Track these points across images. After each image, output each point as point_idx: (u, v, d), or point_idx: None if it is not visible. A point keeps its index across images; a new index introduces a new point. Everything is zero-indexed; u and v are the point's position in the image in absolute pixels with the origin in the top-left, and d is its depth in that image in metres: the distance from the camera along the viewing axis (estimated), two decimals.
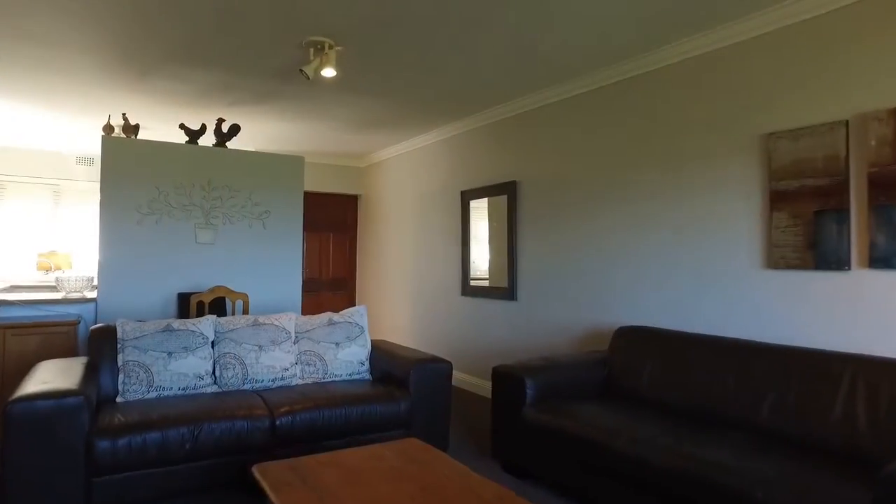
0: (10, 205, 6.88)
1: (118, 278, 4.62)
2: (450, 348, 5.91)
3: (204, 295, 4.23)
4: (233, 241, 5.05)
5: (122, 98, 4.93)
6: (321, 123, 5.87)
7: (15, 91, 4.80)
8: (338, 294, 7.86)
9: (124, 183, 4.66)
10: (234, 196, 5.06)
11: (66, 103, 5.15)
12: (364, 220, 7.97)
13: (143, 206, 4.71)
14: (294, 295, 5.32)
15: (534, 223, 4.86)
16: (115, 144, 4.66)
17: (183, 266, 4.86)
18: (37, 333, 4.17)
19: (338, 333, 3.76)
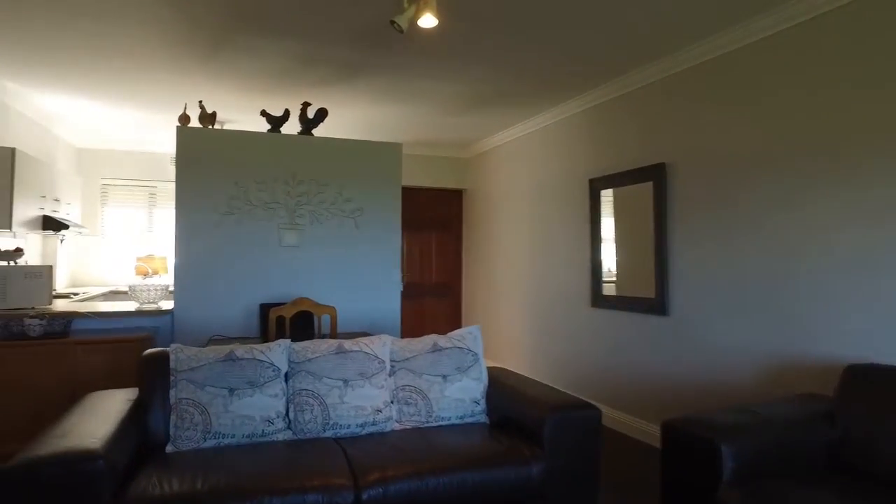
0: (113, 208, 6.68)
1: (196, 287, 4.04)
2: (577, 373, 4.88)
3: (285, 309, 3.52)
4: (320, 244, 4.34)
5: (196, 83, 4.37)
6: (419, 105, 5.06)
7: (95, 88, 4.39)
8: (442, 300, 7.05)
9: (201, 179, 4.08)
10: (321, 191, 4.35)
11: (141, 94, 4.68)
12: (470, 218, 7.11)
13: (221, 206, 4.10)
14: (391, 306, 4.54)
15: (691, 216, 3.74)
16: (190, 135, 4.09)
17: (266, 273, 4.21)
18: (107, 350, 3.65)
19: (445, 363, 2.88)
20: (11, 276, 3.86)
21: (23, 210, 4.53)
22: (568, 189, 5.04)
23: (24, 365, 3.54)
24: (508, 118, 5.51)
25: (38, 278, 4.02)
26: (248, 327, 4.15)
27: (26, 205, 4.59)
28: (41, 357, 3.57)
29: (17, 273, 3.89)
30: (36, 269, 4.02)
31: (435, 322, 6.94)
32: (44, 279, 4.06)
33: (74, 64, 4.08)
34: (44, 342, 3.57)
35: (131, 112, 5.26)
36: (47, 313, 3.66)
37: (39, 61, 4.09)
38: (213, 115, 4.27)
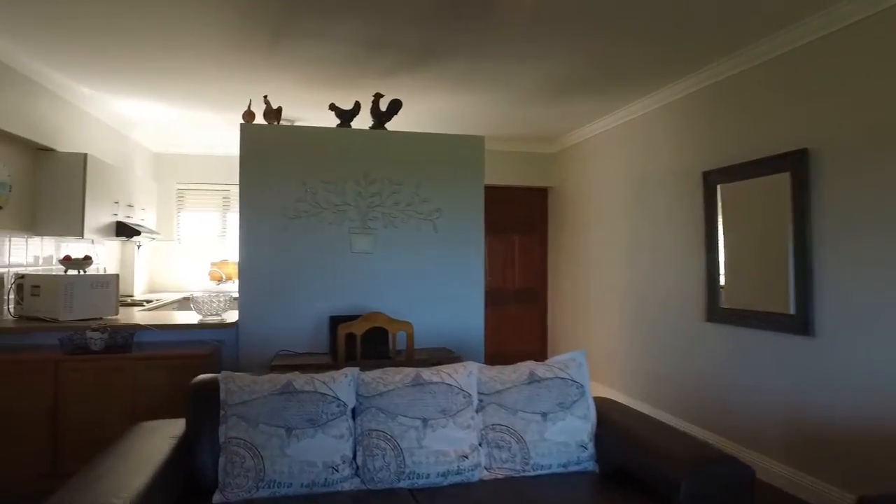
0: (188, 213, 6.59)
1: (261, 297, 3.72)
2: (688, 399, 4.20)
3: (355, 325, 3.11)
4: (395, 249, 3.92)
5: (260, 77, 4.06)
6: (501, 93, 4.55)
7: (165, 90, 4.18)
8: (526, 308, 6.50)
9: (266, 180, 3.75)
10: (396, 191, 3.92)
11: (209, 92, 4.44)
12: (556, 218, 6.51)
13: (288, 209, 3.76)
14: (474, 319, 4.05)
15: (846, 213, 3.01)
16: (254, 133, 3.77)
17: (336, 281, 3.83)
18: (168, 366, 3.38)
19: (545, 397, 2.35)
20: (78, 286, 3.67)
21: (95, 216, 4.39)
22: (675, 184, 4.37)
23: (86, 380, 3.32)
24: (603, 105, 4.89)
25: (105, 287, 3.83)
26: (317, 341, 3.79)
27: (99, 211, 4.46)
28: (102, 373, 3.34)
29: (83, 282, 3.70)
30: (103, 278, 3.82)
31: (518, 332, 6.40)
32: (110, 288, 3.86)
33: (144, 66, 3.87)
34: (105, 357, 3.34)
35: (201, 113, 5.07)
36: (109, 326, 3.43)
37: (111, 65, 3.91)
38: (279, 111, 3.94)
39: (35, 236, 4.17)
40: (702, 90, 4.08)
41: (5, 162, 3.78)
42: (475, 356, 3.99)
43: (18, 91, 3.80)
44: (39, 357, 3.30)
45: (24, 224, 4.04)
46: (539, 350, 6.52)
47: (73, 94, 4.41)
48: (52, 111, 4.19)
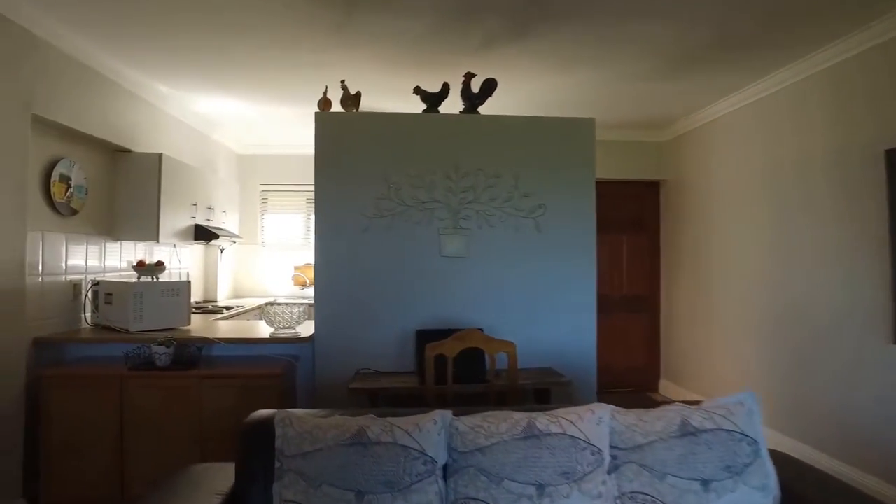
0: (272, 216, 6.37)
1: (339, 307, 3.28)
2: (869, 442, 3.33)
3: (446, 345, 2.58)
4: (491, 252, 3.36)
5: (334, 61, 3.63)
6: (611, 68, 3.87)
7: (243, 84, 3.87)
8: (635, 317, 5.73)
9: (344, 175, 3.31)
10: (492, 185, 3.36)
11: (287, 83, 4.08)
12: (670, 215, 5.70)
13: (369, 207, 3.30)
14: (584, 334, 3.42)
15: None
16: (330, 122, 3.34)
17: (424, 290, 3.33)
18: (236, 386, 3.01)
19: (704, 457, 1.70)
20: (148, 294, 3.39)
21: (171, 219, 4.15)
22: (841, 169, 3.51)
23: (151, 399, 3.01)
24: (735, 77, 4.09)
25: (176, 296, 3.53)
26: (402, 358, 3.30)
27: (175, 214, 4.22)
28: (167, 391, 3.01)
29: (153, 290, 3.42)
30: (174, 286, 3.53)
31: (625, 345, 5.64)
32: (182, 297, 3.56)
33: (216, 58, 3.56)
34: (170, 374, 3.01)
35: (279, 108, 4.76)
36: (175, 340, 3.11)
37: (188, 61, 3.68)
38: (358, 97, 3.49)
39: (113, 241, 3.97)
40: (879, 47, 3.21)
41: (81, 164, 3.58)
42: (586, 379, 3.36)
43: (95, 90, 3.59)
44: (106, 372, 3.03)
45: (102, 228, 3.84)
46: (649, 365, 5.73)
47: (150, 93, 4.19)
48: (130, 111, 3.98)
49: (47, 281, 3.31)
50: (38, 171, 3.23)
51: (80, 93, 3.44)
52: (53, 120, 3.21)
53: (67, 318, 3.50)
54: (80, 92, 3.43)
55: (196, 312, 4.60)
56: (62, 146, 3.43)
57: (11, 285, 2.91)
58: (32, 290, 3.17)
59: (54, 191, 3.33)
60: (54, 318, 3.38)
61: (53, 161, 3.34)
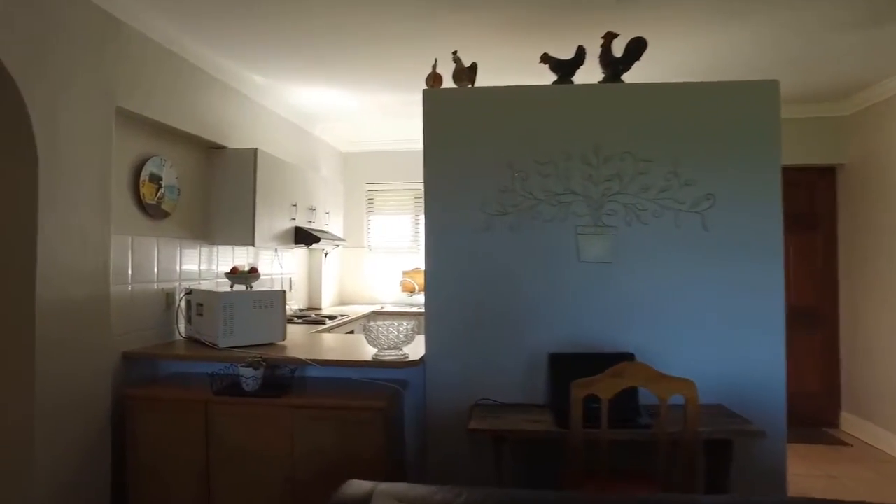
0: (378, 217, 5.96)
1: (455, 324, 2.70)
2: None
3: (600, 384, 1.90)
4: (644, 256, 2.64)
5: (445, 28, 3.05)
6: (801, 11, 2.99)
7: (344, 72, 3.41)
8: (804, 333, 4.68)
9: (460, 164, 2.73)
10: (643, 171, 2.64)
11: (390, 66, 3.57)
12: (850, 208, 4.62)
13: (489, 202, 2.69)
14: (769, 365, 2.62)
15: None
16: (440, 100, 2.78)
17: (558, 304, 2.67)
18: (333, 418, 2.50)
19: None
20: (238, 306, 3.00)
21: (269, 221, 3.79)
22: None
23: (237, 429, 2.59)
24: None
25: (269, 307, 3.12)
26: (530, 387, 2.66)
27: (273, 215, 3.85)
28: (255, 421, 2.57)
29: (244, 301, 3.02)
30: (267, 296, 3.12)
31: (795, 368, 4.61)
32: (276, 308, 3.14)
33: (320, 43, 3.12)
34: (259, 401, 2.57)
35: (383, 96, 4.28)
36: (265, 360, 2.66)
37: (284, 46, 3.27)
38: (473, 70, 2.90)
39: (207, 245, 3.66)
40: None
41: (173, 162, 3.27)
42: (772, 422, 2.54)
43: (184, 81, 3.27)
44: (190, 395, 2.64)
45: (196, 231, 3.53)
46: (826, 394, 4.66)
47: (245, 84, 3.85)
48: (223, 104, 3.65)
49: (137, 289, 3.01)
50: (126, 171, 2.93)
51: (169, 84, 3.12)
52: (140, 113, 2.89)
53: (160, 330, 3.20)
54: (168, 83, 3.11)
55: (297, 322, 4.23)
56: (151, 143, 3.12)
57: (96, 294, 2.60)
58: (122, 299, 2.87)
59: (144, 191, 3.02)
60: (147, 330, 3.08)
61: (142, 159, 3.03)
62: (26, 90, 2.24)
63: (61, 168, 2.40)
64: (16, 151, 2.31)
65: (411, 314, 5.25)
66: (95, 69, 2.59)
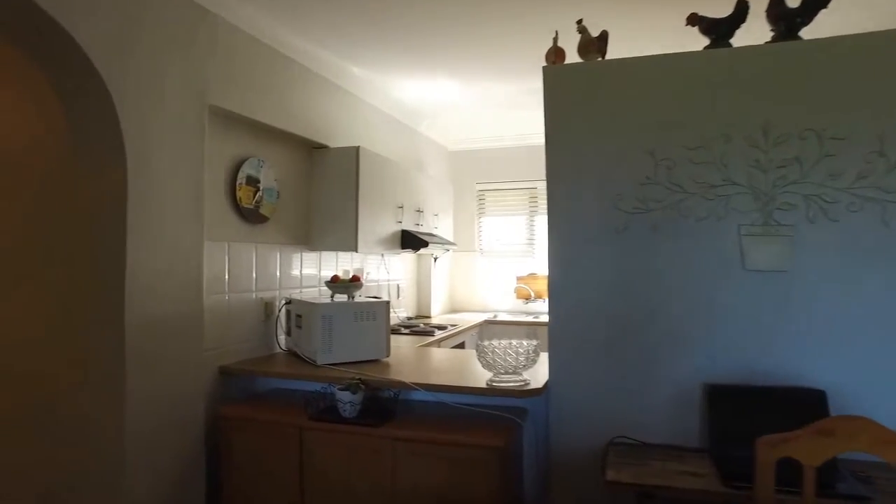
0: (490, 219, 5.58)
1: (585, 345, 2.24)
2: None
3: (799, 443, 1.37)
4: (833, 262, 2.03)
5: None
6: None
7: (449, 57, 3.06)
8: None
9: (588, 152, 2.26)
10: (831, 153, 2.03)
11: (502, 51, 3.15)
12: None
13: (625, 197, 2.20)
14: None
15: None
16: (564, 78, 2.33)
17: (716, 322, 2.12)
18: (441, 456, 2.13)
19: None
20: (338, 318, 2.73)
21: (372, 225, 3.52)
22: None
23: (332, 459, 2.29)
24: None
25: (372, 320, 2.82)
26: (679, 424, 2.13)
27: (377, 218, 3.58)
28: (352, 452, 2.27)
29: (344, 313, 2.75)
30: (369, 308, 2.82)
31: None
32: (379, 321, 2.84)
33: (426, 29, 2.80)
34: (357, 429, 2.26)
35: (494, 85, 3.88)
36: (364, 383, 2.35)
37: (387, 33, 2.96)
38: (604, 39, 2.41)
39: (310, 251, 3.45)
40: None
41: (272, 163, 3.08)
42: None
43: (279, 76, 3.07)
44: (284, 418, 2.39)
45: (296, 237, 3.33)
46: None
47: (344, 78, 3.61)
48: (323, 100, 3.44)
49: (234, 299, 2.83)
50: (221, 173, 2.75)
51: (264, 79, 2.93)
52: (235, 112, 2.71)
53: (259, 342, 3.01)
54: (263, 78, 2.92)
55: (405, 333, 3.95)
56: (248, 143, 2.94)
57: (188, 305, 2.42)
58: (218, 309, 2.70)
59: (240, 195, 2.84)
60: (245, 342, 2.90)
61: (239, 161, 2.85)
62: (114, 89, 2.08)
63: (151, 172, 2.23)
64: (104, 155, 2.16)
65: (527, 323, 4.82)
66: (186, 65, 2.42)
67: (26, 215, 2.48)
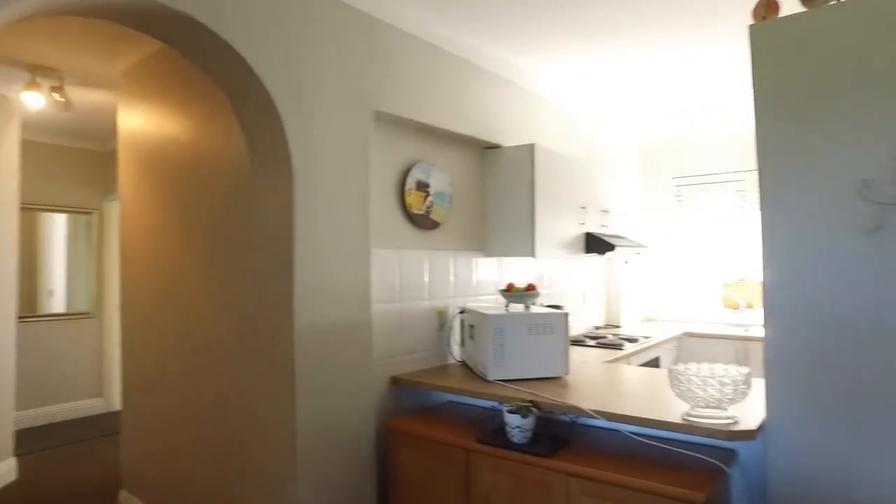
0: (688, 216, 4.96)
1: (815, 375, 1.72)
2: None
3: None
4: None
5: None
6: None
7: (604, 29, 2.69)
8: None
9: (815, 130, 1.74)
10: None
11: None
12: None
13: (878, 186, 1.64)
14: None
15: None
16: (778, 36, 1.82)
17: None
18: (624, 499, 1.79)
19: None
20: (510, 330, 2.51)
21: (551, 227, 3.25)
22: None
23: (500, 490, 2.07)
24: None
25: (549, 333, 2.55)
26: None
27: (556, 220, 3.30)
28: (521, 484, 2.02)
29: (518, 324, 2.52)
30: (545, 320, 2.55)
31: None
32: (557, 335, 2.56)
33: (600, 11, 2.49)
34: (527, 458, 2.01)
35: (686, 61, 3.35)
36: (536, 406, 2.10)
37: (558, 15, 2.67)
38: None
39: (485, 257, 3.29)
40: None
41: (442, 167, 2.98)
42: None
43: (449, 77, 2.94)
44: (452, 438, 2.23)
45: (470, 242, 3.19)
46: None
47: (516, 73, 3.37)
48: (493, 96, 3.25)
49: (406, 308, 2.77)
50: (389, 180, 2.71)
51: (430, 80, 2.82)
52: (401, 116, 2.64)
53: (433, 353, 2.92)
54: (429, 79, 2.81)
55: (590, 345, 3.61)
56: (416, 147, 2.86)
57: (357, 313, 2.39)
58: (389, 318, 2.65)
59: (410, 201, 2.77)
60: (418, 353, 2.82)
61: (407, 166, 2.79)
62: (282, 107, 2.12)
63: (316, 183, 2.23)
64: (274, 169, 2.21)
65: (735, 337, 4.16)
66: (348, 73, 2.40)
67: (216, 225, 2.67)
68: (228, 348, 2.60)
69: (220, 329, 2.66)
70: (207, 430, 2.73)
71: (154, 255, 3.12)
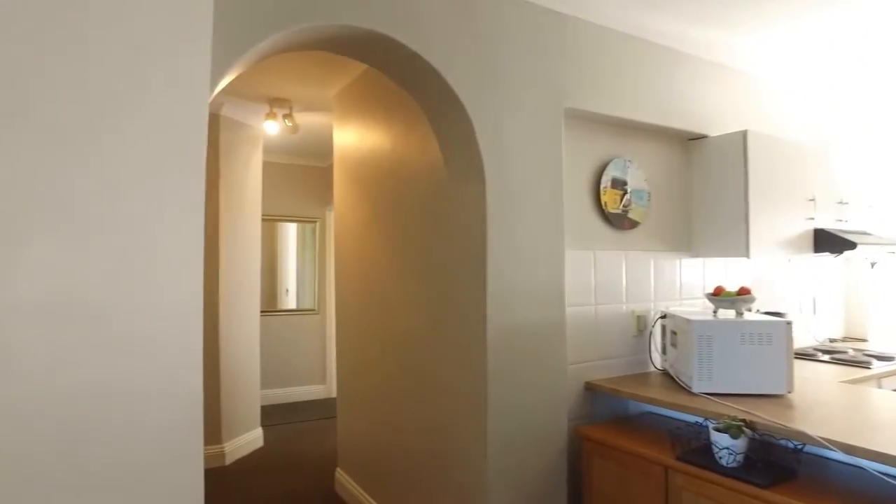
0: None
1: None
2: None
3: None
4: None
5: None
6: None
7: None
8: None
9: None
10: None
11: None
12: None
13: None
14: None
15: None
16: None
17: None
18: None
19: None
20: (719, 339, 2.26)
21: (769, 224, 2.85)
22: None
23: None
24: None
25: (766, 344, 2.24)
26: None
27: (776, 215, 2.89)
28: None
29: (728, 333, 2.26)
30: (763, 328, 2.25)
31: None
32: (776, 345, 2.23)
33: None
34: (737, 484, 1.77)
35: None
36: (750, 425, 1.84)
37: None
38: None
39: (690, 257, 3.01)
40: None
41: (640, 163, 2.79)
42: None
43: (648, 67, 2.74)
44: (648, 452, 2.07)
45: (673, 242, 2.93)
46: None
47: (726, 54, 3.00)
48: (694, 82, 2.94)
49: (602, 311, 2.64)
50: (582, 178, 2.61)
51: (625, 73, 2.65)
52: (594, 111, 2.53)
53: (631, 359, 2.74)
54: (624, 72, 2.64)
55: (823, 361, 3.10)
56: (611, 143, 2.71)
57: (550, 316, 2.35)
58: (584, 321, 2.56)
59: (605, 200, 2.64)
60: (614, 358, 2.68)
61: (602, 163, 2.66)
62: (474, 115, 2.18)
63: (508, 185, 2.24)
64: (466, 173, 2.27)
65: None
66: (539, 74, 2.36)
67: (414, 227, 2.82)
68: (426, 342, 2.72)
69: (417, 321, 2.79)
70: (410, 417, 2.88)
71: (361, 256, 3.41)
